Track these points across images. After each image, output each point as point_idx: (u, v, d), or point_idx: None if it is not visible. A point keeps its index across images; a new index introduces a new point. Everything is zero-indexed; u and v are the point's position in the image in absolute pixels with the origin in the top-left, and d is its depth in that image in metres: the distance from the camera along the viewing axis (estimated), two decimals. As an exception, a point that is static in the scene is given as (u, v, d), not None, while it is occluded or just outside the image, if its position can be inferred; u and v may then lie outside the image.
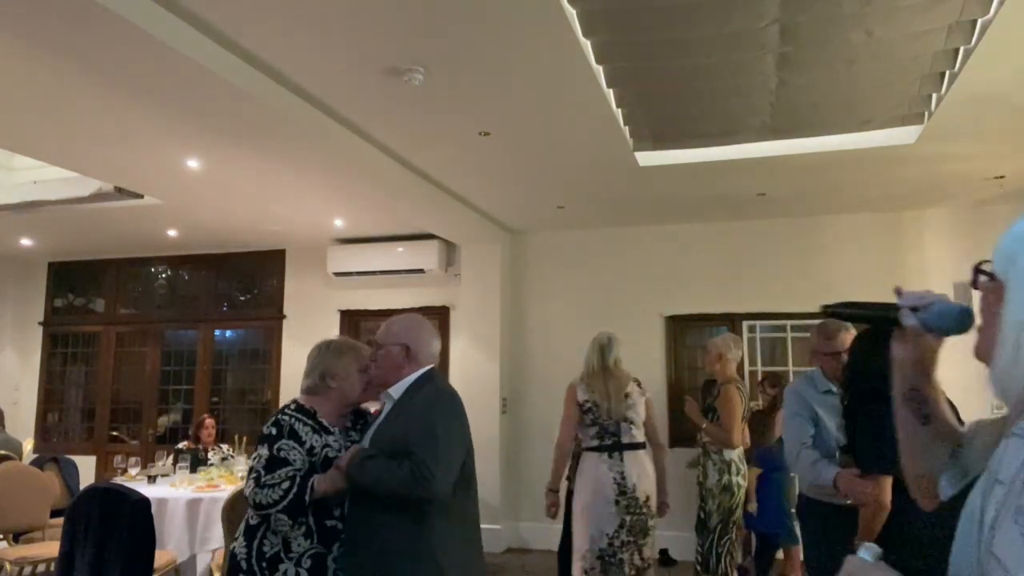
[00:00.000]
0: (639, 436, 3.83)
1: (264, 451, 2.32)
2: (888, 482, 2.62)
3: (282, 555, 2.26)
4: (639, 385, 3.94)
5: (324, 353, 2.51)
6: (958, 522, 0.93)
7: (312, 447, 2.35)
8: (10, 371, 8.44)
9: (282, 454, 2.30)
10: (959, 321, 1.13)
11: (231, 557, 2.36)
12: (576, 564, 3.72)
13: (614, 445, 3.75)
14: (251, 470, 2.33)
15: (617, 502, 3.66)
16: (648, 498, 3.75)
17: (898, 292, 1.18)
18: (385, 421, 2.37)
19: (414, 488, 2.09)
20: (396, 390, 2.34)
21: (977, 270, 1.02)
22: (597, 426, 3.79)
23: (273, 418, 2.41)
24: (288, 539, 2.28)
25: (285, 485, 2.23)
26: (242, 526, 2.38)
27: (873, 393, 2.75)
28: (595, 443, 3.79)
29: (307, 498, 2.23)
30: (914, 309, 1.15)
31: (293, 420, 2.38)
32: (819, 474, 2.95)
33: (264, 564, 2.26)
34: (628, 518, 3.66)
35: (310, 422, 2.39)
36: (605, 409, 3.78)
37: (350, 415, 2.53)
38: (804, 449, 3.01)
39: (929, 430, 1.20)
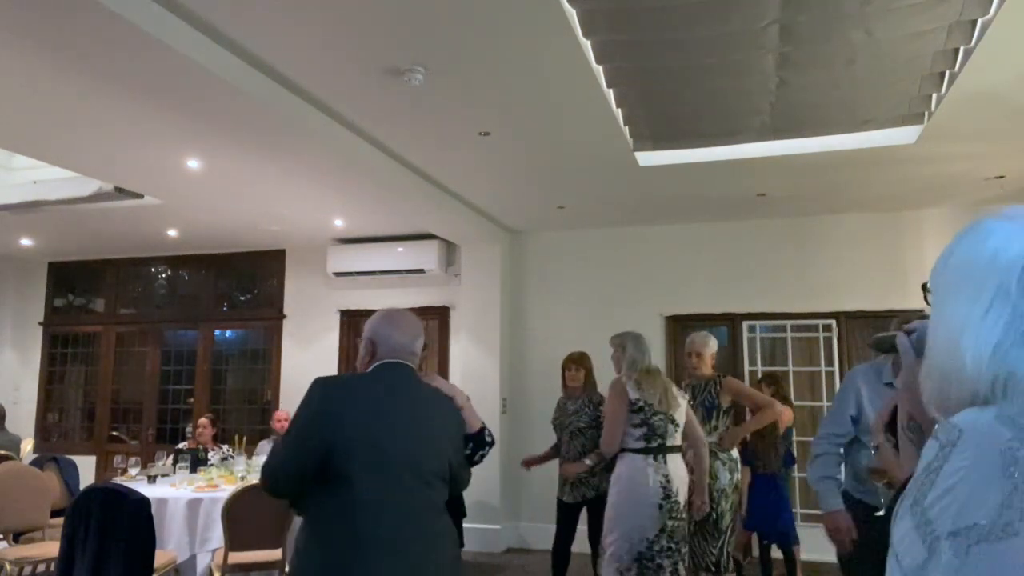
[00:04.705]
0: (679, 439, 3.78)
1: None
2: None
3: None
4: (678, 387, 3.95)
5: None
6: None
7: None
8: (10, 371, 8.44)
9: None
10: None
11: None
12: (610, 567, 3.62)
13: (659, 448, 3.68)
14: None
15: (660, 506, 3.58)
16: (685, 504, 3.73)
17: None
18: None
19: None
20: None
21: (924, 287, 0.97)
22: (646, 427, 3.68)
23: None
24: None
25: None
26: None
27: None
28: (640, 444, 3.67)
29: None
30: (909, 333, 1.07)
31: None
32: (821, 495, 2.99)
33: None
34: (669, 523, 3.59)
35: None
36: (658, 410, 3.70)
37: None
38: (826, 456, 3.03)
39: None
